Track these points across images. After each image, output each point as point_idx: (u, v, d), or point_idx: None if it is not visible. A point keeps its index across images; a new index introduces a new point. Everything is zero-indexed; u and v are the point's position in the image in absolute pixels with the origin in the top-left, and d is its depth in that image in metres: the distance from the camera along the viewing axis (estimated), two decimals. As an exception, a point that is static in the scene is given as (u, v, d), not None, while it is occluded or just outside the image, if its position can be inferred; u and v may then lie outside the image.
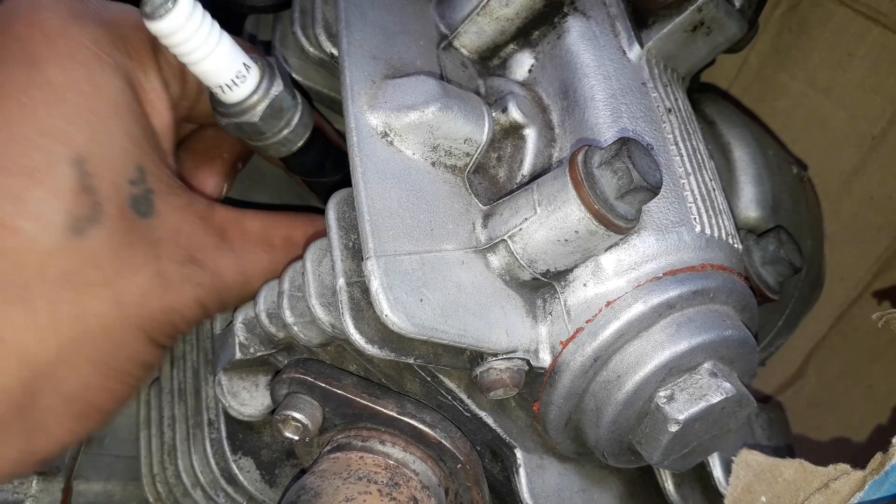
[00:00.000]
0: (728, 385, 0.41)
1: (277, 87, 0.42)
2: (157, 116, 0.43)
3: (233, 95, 0.42)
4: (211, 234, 0.44)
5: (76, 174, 0.37)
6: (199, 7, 0.38)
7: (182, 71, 0.43)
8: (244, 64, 0.41)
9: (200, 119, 0.49)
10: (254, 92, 0.42)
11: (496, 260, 0.42)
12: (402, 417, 0.43)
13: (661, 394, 0.42)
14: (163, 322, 0.42)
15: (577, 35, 0.48)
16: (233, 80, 0.41)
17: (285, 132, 0.44)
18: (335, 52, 0.49)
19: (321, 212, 0.44)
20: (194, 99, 0.46)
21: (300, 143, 0.46)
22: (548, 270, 0.41)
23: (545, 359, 0.42)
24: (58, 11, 0.40)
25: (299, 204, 0.61)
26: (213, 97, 0.43)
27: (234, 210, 0.47)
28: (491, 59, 0.51)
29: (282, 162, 0.48)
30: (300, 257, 0.46)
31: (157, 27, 0.37)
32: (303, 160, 0.48)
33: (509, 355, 0.41)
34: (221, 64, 0.40)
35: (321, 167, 0.49)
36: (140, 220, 0.40)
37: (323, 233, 0.44)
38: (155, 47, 0.42)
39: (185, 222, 0.43)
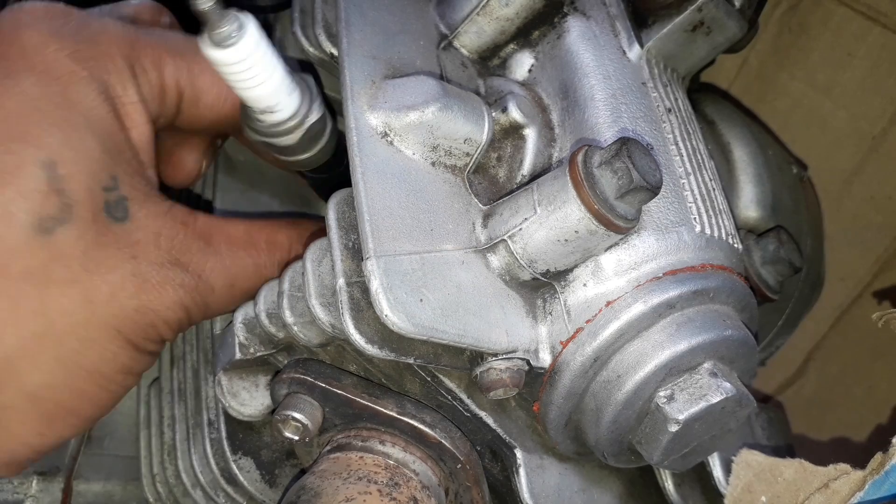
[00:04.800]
0: (728, 385, 0.41)
1: (315, 114, 0.43)
2: (135, 130, 0.43)
3: (273, 118, 0.42)
4: (194, 238, 0.44)
5: (46, 176, 0.38)
6: (264, 38, 0.38)
7: (161, 90, 0.44)
8: (289, 90, 0.41)
9: (187, 128, 0.49)
10: (293, 116, 0.43)
11: (496, 260, 0.42)
12: (402, 417, 0.43)
13: (661, 394, 0.42)
14: (140, 323, 0.42)
15: (577, 35, 0.48)
16: (275, 105, 0.41)
17: (315, 151, 0.45)
18: (335, 52, 0.49)
19: (320, 217, 0.44)
20: (173, 115, 0.46)
21: (326, 160, 0.47)
22: (548, 270, 0.41)
23: (545, 359, 0.42)
24: (38, 29, 0.41)
25: (300, 205, 0.61)
26: (246, 113, 0.43)
27: (216, 217, 0.47)
28: (491, 59, 0.51)
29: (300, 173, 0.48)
30: (297, 257, 0.46)
31: (221, 56, 0.37)
32: (322, 175, 0.48)
33: (509, 355, 0.41)
34: (271, 90, 0.40)
35: (337, 179, 0.50)
36: (114, 223, 0.41)
37: (321, 232, 0.44)
38: (133, 65, 0.43)
39: (165, 227, 0.43)
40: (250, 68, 0.38)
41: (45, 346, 0.39)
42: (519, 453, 0.46)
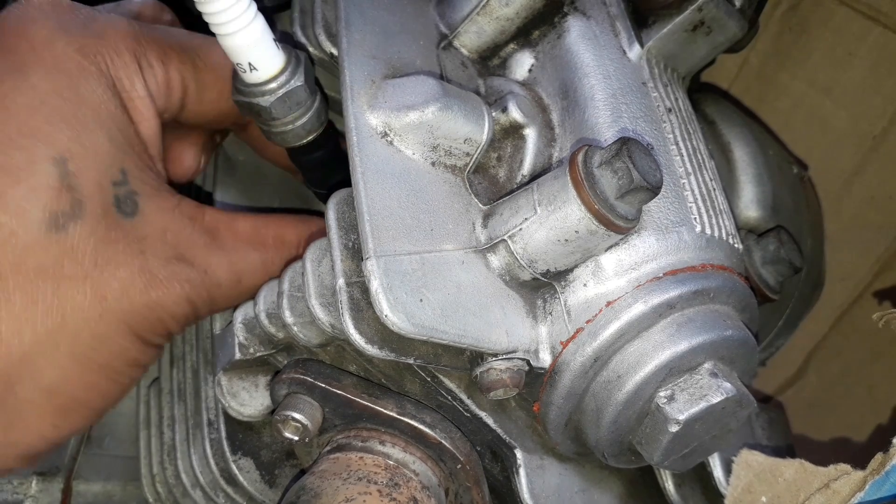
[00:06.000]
0: (728, 385, 0.41)
1: (297, 82, 0.44)
2: (144, 124, 0.44)
3: (252, 77, 0.43)
4: (201, 233, 0.45)
5: (58, 172, 0.39)
6: None
7: (167, 84, 0.45)
8: (271, 49, 0.42)
9: (189, 123, 0.49)
10: (273, 79, 0.43)
11: (496, 260, 0.42)
12: (402, 418, 0.43)
13: (662, 394, 0.42)
14: (149, 318, 0.42)
15: (577, 35, 0.48)
16: (255, 62, 0.42)
17: (291, 126, 0.45)
18: (335, 51, 0.49)
19: (321, 215, 0.44)
20: (177, 110, 0.47)
21: (306, 140, 0.47)
22: (548, 270, 0.41)
23: (545, 359, 0.42)
24: (45, 24, 0.41)
25: (300, 206, 0.61)
26: (234, 73, 0.44)
27: (224, 212, 0.47)
28: (491, 59, 0.51)
29: (287, 152, 0.48)
30: (299, 257, 0.46)
31: None
32: (307, 157, 0.48)
33: (509, 355, 0.41)
34: (250, 42, 0.41)
35: (323, 167, 0.50)
36: (123, 218, 0.41)
37: (321, 233, 0.44)
38: (139, 60, 0.43)
39: (173, 222, 0.43)
40: (226, 10, 0.38)
41: (60, 342, 0.39)
42: (519, 453, 0.46)
